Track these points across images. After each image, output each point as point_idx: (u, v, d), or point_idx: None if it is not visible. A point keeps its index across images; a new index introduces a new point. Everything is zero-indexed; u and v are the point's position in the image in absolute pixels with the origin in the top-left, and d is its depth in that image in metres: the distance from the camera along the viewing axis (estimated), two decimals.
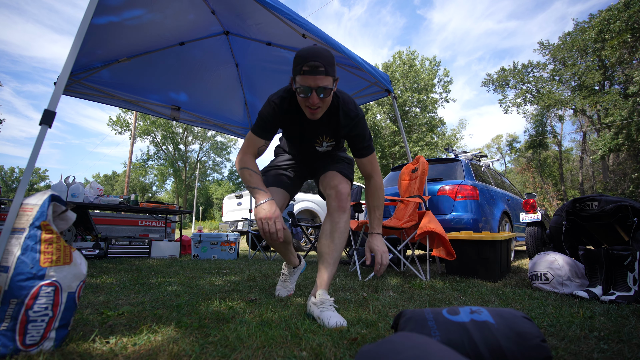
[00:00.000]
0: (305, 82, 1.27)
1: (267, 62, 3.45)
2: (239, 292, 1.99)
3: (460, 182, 3.78)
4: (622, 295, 1.77)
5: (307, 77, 1.26)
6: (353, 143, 1.56)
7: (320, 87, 1.27)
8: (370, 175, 1.59)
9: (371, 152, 1.56)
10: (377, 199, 1.59)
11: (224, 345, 1.03)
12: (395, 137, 25.55)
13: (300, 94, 1.30)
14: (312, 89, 1.27)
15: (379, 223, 1.57)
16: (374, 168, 1.59)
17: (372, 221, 1.58)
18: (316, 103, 1.30)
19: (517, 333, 0.75)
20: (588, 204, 2.30)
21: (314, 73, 1.25)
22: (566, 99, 22.53)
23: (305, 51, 1.28)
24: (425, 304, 1.70)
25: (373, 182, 1.59)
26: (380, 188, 1.60)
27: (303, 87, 1.28)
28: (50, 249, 1.00)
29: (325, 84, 1.27)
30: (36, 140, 1.29)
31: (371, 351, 0.63)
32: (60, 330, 1.00)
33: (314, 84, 1.26)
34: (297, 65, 1.29)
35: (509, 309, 0.88)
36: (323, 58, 1.26)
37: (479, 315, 0.80)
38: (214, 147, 39.11)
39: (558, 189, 27.70)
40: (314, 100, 1.29)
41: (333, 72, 1.31)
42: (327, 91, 1.30)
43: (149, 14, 2.57)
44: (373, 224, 1.57)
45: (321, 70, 1.25)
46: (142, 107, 3.76)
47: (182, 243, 5.06)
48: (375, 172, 1.59)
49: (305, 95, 1.29)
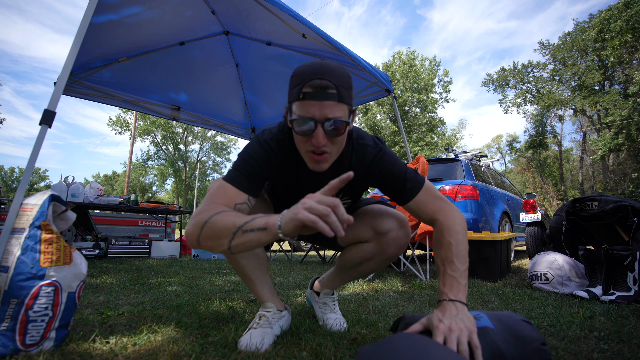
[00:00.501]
0: (307, 111, 0.83)
1: (267, 62, 3.46)
2: (239, 292, 1.99)
3: (460, 182, 3.78)
4: (622, 295, 1.77)
5: (310, 103, 0.82)
6: (386, 190, 1.07)
7: (330, 120, 0.83)
8: (433, 218, 1.00)
9: (420, 186, 1.02)
10: (445, 247, 0.93)
11: (224, 345, 1.03)
12: (396, 137, 25.54)
13: (297, 129, 0.86)
14: (317, 122, 0.83)
15: (453, 284, 0.87)
16: (436, 205, 1.01)
17: (442, 280, 0.90)
18: (323, 144, 0.86)
19: (517, 337, 0.75)
20: (588, 204, 2.30)
21: (321, 97, 0.82)
22: (566, 99, 22.54)
23: (307, 66, 0.85)
24: (425, 304, 1.70)
25: (438, 224, 0.98)
26: (449, 229, 0.95)
27: (302, 119, 0.83)
28: (50, 249, 1.00)
29: (337, 115, 0.83)
30: (36, 140, 1.29)
31: (371, 351, 0.63)
32: (60, 330, 1.00)
33: (319, 114, 0.82)
34: (294, 87, 0.85)
35: (508, 312, 0.88)
36: (335, 76, 0.84)
37: (478, 321, 0.79)
38: (214, 147, 39.12)
39: (558, 189, 27.70)
40: (319, 140, 0.84)
41: (350, 98, 0.88)
42: (341, 126, 0.85)
43: (147, 11, 2.57)
44: (444, 286, 0.89)
45: (332, 94, 0.82)
46: (142, 107, 3.76)
47: (182, 243, 5.06)
48: (440, 211, 1.00)
49: (306, 131, 0.84)
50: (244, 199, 0.92)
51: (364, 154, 1.03)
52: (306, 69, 0.85)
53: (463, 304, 0.83)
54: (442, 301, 0.85)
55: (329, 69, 0.84)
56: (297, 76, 0.85)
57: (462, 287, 0.87)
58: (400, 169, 1.03)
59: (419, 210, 1.02)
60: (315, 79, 0.82)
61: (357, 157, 1.04)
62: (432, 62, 26.96)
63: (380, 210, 1.18)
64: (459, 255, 0.91)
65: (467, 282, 0.90)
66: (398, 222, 1.13)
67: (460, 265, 0.89)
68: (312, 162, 0.91)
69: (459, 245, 0.92)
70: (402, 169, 1.03)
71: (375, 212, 1.17)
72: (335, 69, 0.85)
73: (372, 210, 1.18)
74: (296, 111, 0.85)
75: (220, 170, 41.04)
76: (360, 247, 1.17)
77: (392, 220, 1.13)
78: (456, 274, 0.88)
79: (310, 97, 0.82)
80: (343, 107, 0.85)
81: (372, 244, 1.14)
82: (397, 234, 1.12)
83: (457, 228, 0.95)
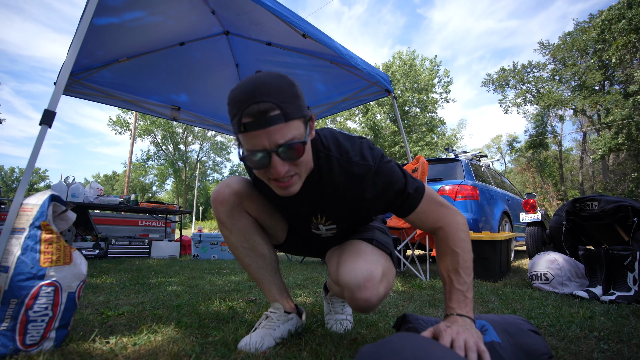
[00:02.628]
0: (254, 144, 0.74)
1: (267, 63, 3.46)
2: (239, 292, 1.99)
3: (460, 182, 3.78)
4: (622, 295, 1.77)
5: (254, 134, 0.72)
6: (386, 209, 0.98)
7: (282, 145, 0.73)
8: (435, 227, 0.94)
9: (420, 197, 0.92)
10: (451, 256, 0.89)
11: (224, 345, 1.03)
12: (396, 137, 25.54)
13: (252, 165, 0.77)
14: (270, 152, 0.74)
15: (460, 299, 0.84)
16: (438, 213, 0.93)
17: (449, 295, 0.87)
18: (285, 172, 0.77)
19: (525, 350, 0.74)
20: (588, 204, 2.30)
21: (263, 124, 0.71)
22: (566, 99, 22.54)
23: (240, 90, 0.74)
24: (425, 304, 1.69)
25: (442, 233, 0.93)
26: (454, 237, 0.91)
27: (252, 153, 0.75)
28: (50, 249, 1.00)
29: (289, 137, 0.74)
30: (36, 140, 1.29)
31: (371, 351, 0.63)
32: (60, 330, 1.01)
33: (269, 143, 0.73)
34: (233, 118, 0.75)
35: (514, 318, 0.86)
36: (273, 93, 0.72)
37: (485, 335, 0.78)
38: (214, 147, 39.13)
39: (558, 189, 27.70)
40: (278, 172, 0.76)
41: (299, 110, 0.76)
42: (297, 148, 0.75)
43: (149, 16, 2.58)
44: (451, 301, 0.86)
45: (275, 117, 0.71)
46: (142, 107, 3.76)
47: (182, 243, 5.07)
48: (442, 218, 0.93)
49: (262, 164, 0.76)
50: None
51: (349, 170, 0.90)
52: (239, 94, 0.73)
53: (471, 320, 0.81)
54: (449, 315, 0.83)
55: (264, 87, 0.72)
56: (232, 104, 0.74)
57: (469, 301, 0.84)
58: (399, 186, 0.90)
59: (421, 221, 0.94)
60: (251, 104, 0.71)
61: (342, 173, 0.91)
62: (432, 62, 26.97)
63: (358, 252, 0.97)
64: (465, 266, 0.87)
65: (473, 295, 0.87)
66: (363, 278, 0.89)
67: (467, 277, 0.86)
68: (280, 189, 0.82)
69: (465, 254, 0.89)
70: (401, 185, 0.90)
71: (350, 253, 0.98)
72: (271, 84, 0.73)
73: (351, 248, 1.00)
74: (244, 144, 0.75)
75: (220, 170, 41.06)
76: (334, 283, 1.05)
77: (355, 275, 0.90)
78: (463, 287, 0.85)
79: (252, 127, 0.72)
80: (294, 125, 0.74)
81: (339, 289, 0.99)
82: (353, 295, 0.90)
83: (461, 235, 0.91)
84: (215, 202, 1.08)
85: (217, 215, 1.09)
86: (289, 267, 3.57)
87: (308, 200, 0.97)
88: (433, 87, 26.79)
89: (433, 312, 1.56)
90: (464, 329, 0.75)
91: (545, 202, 23.20)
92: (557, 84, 23.46)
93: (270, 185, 0.83)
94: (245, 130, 0.73)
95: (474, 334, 0.74)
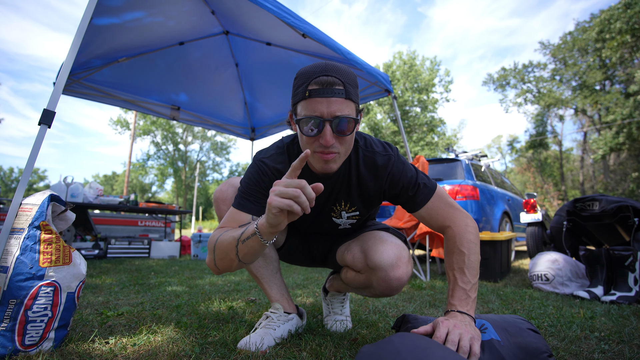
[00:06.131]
0: (314, 109, 0.80)
1: (267, 62, 3.46)
2: (239, 292, 1.99)
3: (460, 182, 3.77)
4: (623, 296, 1.77)
5: (317, 100, 0.79)
6: (397, 197, 1.02)
7: (338, 117, 0.80)
8: (444, 226, 0.97)
9: (432, 192, 0.98)
10: (457, 255, 0.91)
11: (224, 345, 1.03)
12: (396, 137, 25.54)
13: (304, 129, 0.82)
14: (325, 121, 0.80)
15: (462, 297, 0.85)
16: (448, 212, 0.97)
17: (452, 292, 0.88)
18: (331, 144, 0.82)
19: (524, 350, 0.74)
20: (589, 204, 2.30)
21: (328, 94, 0.79)
22: (567, 99, 22.55)
23: (312, 65, 0.84)
24: (425, 304, 1.69)
25: (450, 232, 0.95)
26: (462, 237, 0.93)
27: (309, 118, 0.80)
28: (49, 249, 0.99)
29: (346, 113, 0.81)
30: (35, 140, 1.29)
31: (371, 351, 0.63)
32: (60, 331, 1.00)
33: (327, 112, 0.79)
34: (299, 87, 0.83)
35: (513, 317, 0.86)
36: (341, 73, 0.82)
37: (484, 333, 0.78)
38: (214, 147, 39.13)
39: (558, 189, 27.70)
40: (327, 140, 0.81)
41: (357, 97, 0.86)
42: (350, 124, 0.82)
43: (149, 17, 2.58)
44: (453, 298, 0.86)
45: (339, 90, 0.79)
46: (142, 107, 3.76)
47: (181, 243, 5.06)
48: (452, 218, 0.96)
49: (313, 131, 0.81)
50: (248, 219, 0.95)
51: (373, 160, 0.98)
52: (311, 68, 0.83)
53: (471, 318, 0.81)
54: (449, 311, 0.84)
55: (334, 66, 0.82)
56: (302, 76, 0.84)
57: (472, 300, 0.85)
58: (412, 175, 0.98)
59: (430, 217, 0.98)
60: (321, 75, 0.80)
61: (366, 163, 0.99)
62: (432, 62, 26.97)
63: (382, 238, 1.02)
64: (471, 267, 0.88)
65: (476, 295, 0.87)
66: (395, 257, 0.96)
67: (472, 277, 0.87)
68: (320, 162, 0.86)
69: (472, 255, 0.90)
70: (413, 175, 0.99)
71: (375, 239, 1.03)
72: (341, 67, 0.83)
73: (373, 236, 1.05)
74: (302, 111, 0.82)
75: (220, 170, 41.06)
76: (356, 274, 1.07)
77: (387, 255, 0.96)
78: (467, 286, 0.86)
79: (316, 94, 0.79)
80: (351, 105, 0.83)
81: (364, 276, 1.03)
82: (387, 275, 0.95)
83: (470, 237, 0.92)
84: (218, 200, 1.13)
85: (219, 213, 1.12)
86: (289, 267, 3.57)
87: (336, 187, 1.02)
88: (433, 87, 26.80)
89: (433, 312, 1.55)
90: (461, 324, 0.76)
91: (545, 202, 23.20)
92: (558, 83, 23.47)
93: (313, 158, 0.87)
94: (309, 96, 0.80)
95: (471, 331, 0.75)
